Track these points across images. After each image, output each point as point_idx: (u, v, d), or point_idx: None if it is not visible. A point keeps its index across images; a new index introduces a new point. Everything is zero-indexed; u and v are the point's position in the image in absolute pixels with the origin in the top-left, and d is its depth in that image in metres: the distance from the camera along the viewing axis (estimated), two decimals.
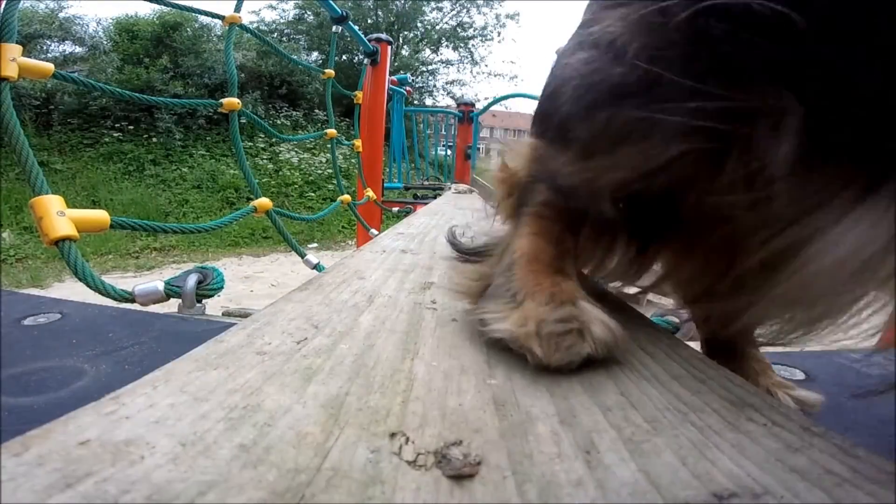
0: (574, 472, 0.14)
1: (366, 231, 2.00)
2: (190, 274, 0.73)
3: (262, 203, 1.09)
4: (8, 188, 5.22)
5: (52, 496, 0.12)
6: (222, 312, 0.82)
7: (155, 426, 0.15)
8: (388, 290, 0.35)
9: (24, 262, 4.38)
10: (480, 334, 0.25)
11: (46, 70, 0.66)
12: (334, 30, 1.68)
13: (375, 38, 2.29)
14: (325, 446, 0.15)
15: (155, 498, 0.12)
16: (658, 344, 0.26)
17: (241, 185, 6.48)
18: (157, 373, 0.19)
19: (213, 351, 0.22)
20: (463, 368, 0.22)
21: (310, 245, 5.91)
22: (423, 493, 0.13)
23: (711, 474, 0.14)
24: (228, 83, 1.10)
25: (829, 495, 0.13)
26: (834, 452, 0.16)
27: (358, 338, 0.25)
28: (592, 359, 0.22)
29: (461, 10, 12.79)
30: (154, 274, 4.37)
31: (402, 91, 3.18)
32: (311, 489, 0.13)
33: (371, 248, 0.52)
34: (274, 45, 1.86)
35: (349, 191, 1.90)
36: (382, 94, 2.40)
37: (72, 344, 0.48)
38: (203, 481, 0.13)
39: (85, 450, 0.14)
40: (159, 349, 0.49)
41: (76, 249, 0.56)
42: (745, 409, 0.19)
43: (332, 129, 1.70)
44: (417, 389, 0.19)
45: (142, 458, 0.13)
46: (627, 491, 0.13)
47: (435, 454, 0.15)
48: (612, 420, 0.17)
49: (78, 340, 0.49)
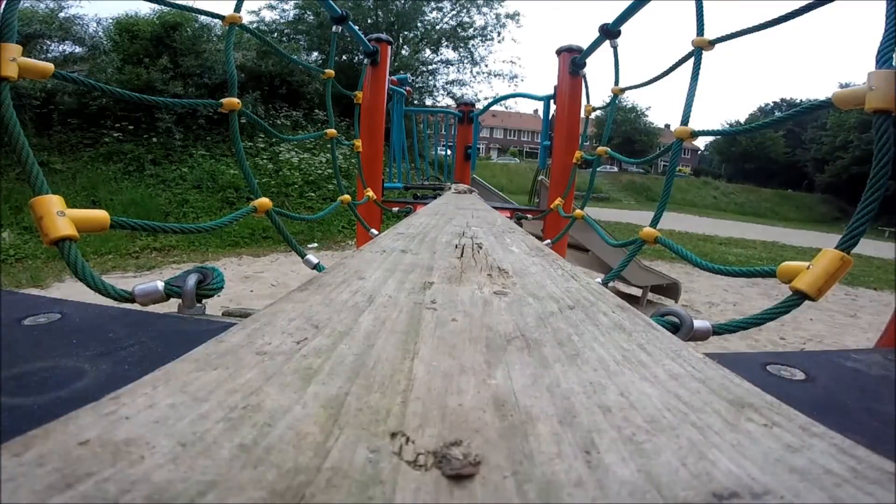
0: (574, 472, 0.14)
1: (366, 231, 2.00)
2: (190, 274, 0.73)
3: (262, 203, 1.09)
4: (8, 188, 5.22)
5: (52, 496, 0.12)
6: (222, 312, 0.82)
7: (155, 426, 0.15)
8: (388, 290, 0.35)
9: (24, 262, 4.38)
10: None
11: (46, 70, 0.66)
12: (334, 30, 1.68)
13: (375, 38, 2.29)
14: (325, 446, 0.15)
15: (155, 498, 0.12)
16: (658, 344, 0.26)
17: (241, 185, 6.48)
18: (157, 373, 0.19)
19: (213, 351, 0.22)
20: (463, 368, 0.22)
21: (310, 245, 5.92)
22: (423, 493, 0.13)
23: (711, 474, 0.14)
24: (228, 83, 1.10)
25: (829, 495, 0.13)
26: (834, 452, 0.15)
27: (358, 338, 0.25)
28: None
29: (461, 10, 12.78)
30: (154, 274, 4.37)
31: (402, 91, 3.18)
32: (311, 489, 0.13)
33: (371, 248, 0.52)
34: (274, 45, 1.86)
35: (349, 191, 1.90)
36: (382, 94, 2.40)
37: (72, 344, 0.48)
38: (203, 481, 0.13)
39: (85, 450, 0.14)
40: (159, 349, 0.49)
41: (76, 249, 0.56)
42: (745, 409, 0.19)
43: (332, 129, 1.70)
44: (417, 389, 0.19)
45: (142, 458, 0.14)
46: (627, 491, 0.13)
47: (435, 454, 0.15)
48: (612, 420, 0.17)
49: (78, 340, 0.49)
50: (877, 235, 15.76)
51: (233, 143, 1.17)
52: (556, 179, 2.41)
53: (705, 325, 0.65)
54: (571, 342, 0.26)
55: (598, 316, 0.31)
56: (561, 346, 0.25)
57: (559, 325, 0.28)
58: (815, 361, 0.56)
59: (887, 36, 0.59)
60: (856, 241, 0.59)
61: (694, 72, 1.08)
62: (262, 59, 7.76)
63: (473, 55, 13.47)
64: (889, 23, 0.59)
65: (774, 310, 0.64)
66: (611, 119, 1.75)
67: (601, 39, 1.65)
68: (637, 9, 1.40)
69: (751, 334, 3.40)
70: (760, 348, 3.27)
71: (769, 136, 30.36)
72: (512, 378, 0.21)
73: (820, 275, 0.58)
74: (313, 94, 8.13)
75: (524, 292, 0.36)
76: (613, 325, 0.29)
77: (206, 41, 7.62)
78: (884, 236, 16.18)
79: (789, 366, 0.54)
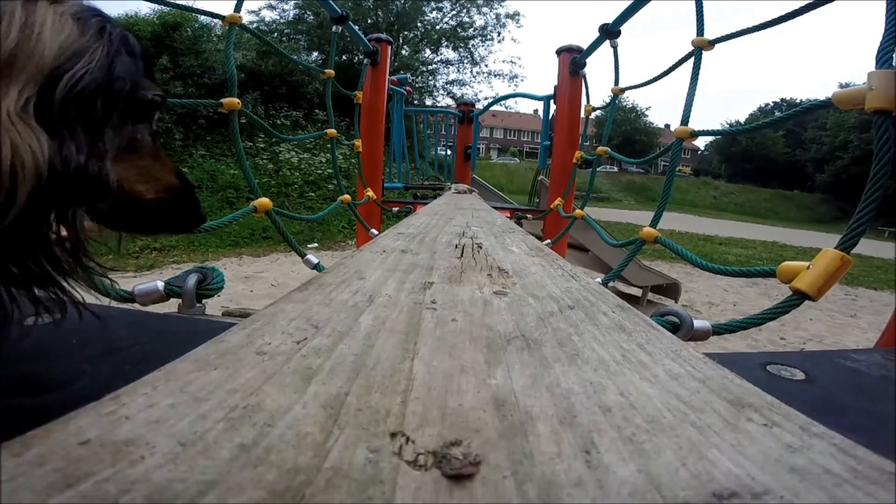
0: (574, 472, 0.14)
1: (366, 231, 2.00)
2: (190, 274, 0.73)
3: (262, 203, 1.09)
4: None
5: (52, 496, 0.12)
6: (222, 312, 0.82)
7: (155, 426, 0.15)
8: (388, 290, 0.35)
9: None
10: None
11: None
12: (334, 30, 1.68)
13: (375, 38, 2.29)
14: (325, 446, 0.15)
15: (155, 498, 0.12)
16: (658, 344, 0.26)
17: (241, 185, 6.48)
18: (157, 373, 0.19)
19: (213, 351, 0.22)
20: (463, 368, 0.22)
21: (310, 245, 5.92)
22: (422, 493, 0.13)
23: (711, 474, 0.14)
24: (228, 83, 1.10)
25: (829, 495, 0.13)
26: (834, 452, 0.15)
27: (358, 338, 0.25)
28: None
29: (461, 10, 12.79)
30: (154, 274, 4.37)
31: (402, 91, 3.18)
32: (311, 489, 0.13)
33: (371, 248, 0.52)
34: (274, 45, 1.86)
35: (349, 191, 1.90)
36: (382, 94, 2.40)
37: (72, 344, 0.48)
38: (203, 481, 0.13)
39: (85, 450, 0.14)
40: (159, 349, 0.49)
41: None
42: (745, 409, 0.19)
43: (332, 129, 1.70)
44: (417, 389, 0.19)
45: (142, 458, 0.14)
46: (627, 491, 0.13)
47: (435, 454, 0.15)
48: (612, 420, 0.17)
49: (78, 340, 0.49)
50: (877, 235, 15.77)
51: (233, 143, 1.17)
52: (556, 179, 2.41)
53: (705, 325, 0.65)
54: (571, 342, 0.26)
55: (598, 316, 0.31)
56: (561, 346, 0.25)
57: (559, 325, 0.28)
58: (815, 361, 0.56)
59: (887, 36, 0.59)
60: (856, 241, 0.59)
61: (694, 72, 1.08)
62: (262, 59, 7.77)
63: (473, 55, 13.48)
64: (889, 23, 0.59)
65: (774, 310, 0.64)
66: (611, 119, 1.75)
67: (601, 39, 1.65)
68: (637, 9, 1.40)
69: (751, 334, 3.40)
70: (760, 348, 3.27)
71: (769, 136, 30.36)
72: (512, 378, 0.21)
73: (820, 275, 0.58)
74: (313, 94, 8.13)
75: (524, 292, 0.36)
76: (613, 325, 0.29)
77: (207, 41, 7.62)
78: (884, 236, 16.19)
79: (789, 366, 0.54)
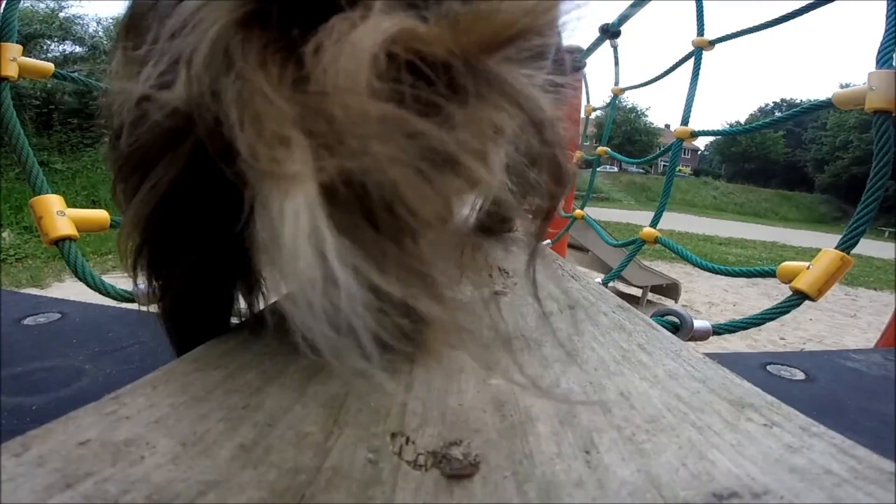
0: (574, 472, 0.14)
1: None
2: None
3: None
4: (8, 188, 5.21)
5: (52, 496, 0.12)
6: None
7: (155, 426, 0.15)
8: None
9: (24, 262, 4.37)
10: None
11: (46, 70, 0.66)
12: None
13: None
14: (325, 446, 0.15)
15: (155, 498, 0.12)
16: (658, 344, 0.26)
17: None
18: (157, 373, 0.19)
19: (213, 351, 0.22)
20: (463, 368, 0.22)
21: None
22: (423, 493, 0.13)
23: (711, 474, 0.14)
24: None
25: (829, 495, 0.13)
26: (834, 452, 0.16)
27: None
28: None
29: None
30: None
31: None
32: (311, 489, 0.13)
33: None
34: None
35: None
36: None
37: (72, 344, 0.48)
38: (203, 481, 0.13)
39: (85, 450, 0.14)
40: (159, 349, 0.49)
41: (76, 249, 0.56)
42: (745, 409, 0.19)
43: None
44: (417, 389, 0.19)
45: (142, 458, 0.13)
46: (627, 491, 0.13)
47: (435, 454, 0.15)
48: (612, 420, 0.17)
49: (78, 340, 0.49)
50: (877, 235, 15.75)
51: None
52: None
53: (705, 325, 0.65)
54: (571, 342, 0.26)
55: (598, 316, 0.31)
56: (561, 346, 0.25)
57: (559, 325, 0.28)
58: (815, 361, 0.56)
59: (887, 36, 0.59)
60: (856, 242, 0.59)
61: (694, 72, 1.08)
62: None
63: None
64: (889, 23, 0.59)
65: (774, 310, 0.64)
66: (611, 119, 1.75)
67: (601, 39, 1.65)
68: (637, 9, 1.40)
69: (751, 334, 3.39)
70: (760, 348, 3.26)
71: (769, 136, 30.33)
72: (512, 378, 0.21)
73: (820, 275, 0.58)
74: None
75: (524, 292, 0.36)
76: (613, 325, 0.29)
77: None
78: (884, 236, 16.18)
79: (789, 366, 0.54)
